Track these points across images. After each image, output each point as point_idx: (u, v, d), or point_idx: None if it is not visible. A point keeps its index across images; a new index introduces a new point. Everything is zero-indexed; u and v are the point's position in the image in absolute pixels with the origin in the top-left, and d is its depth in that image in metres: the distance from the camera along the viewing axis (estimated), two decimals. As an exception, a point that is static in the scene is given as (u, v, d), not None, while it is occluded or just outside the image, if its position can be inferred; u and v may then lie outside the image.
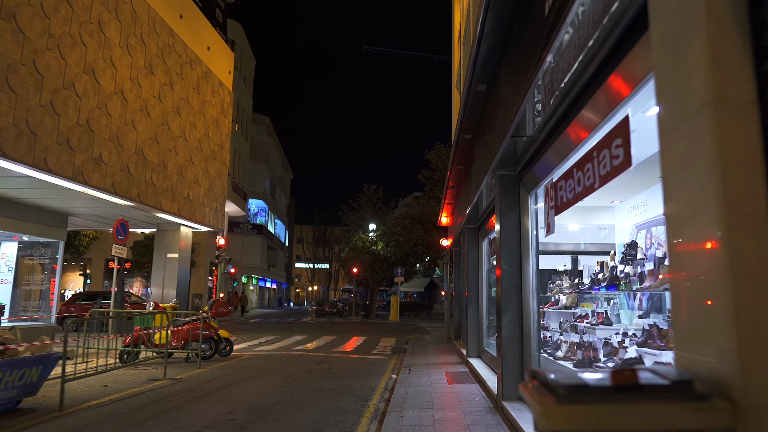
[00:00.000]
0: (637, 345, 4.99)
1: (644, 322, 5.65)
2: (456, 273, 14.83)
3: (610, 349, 4.78)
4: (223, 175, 17.04)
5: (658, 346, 4.80)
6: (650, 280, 5.27)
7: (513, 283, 5.86)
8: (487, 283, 10.14)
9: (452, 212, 13.70)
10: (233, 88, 35.48)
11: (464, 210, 10.20)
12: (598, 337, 5.24)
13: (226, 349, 11.60)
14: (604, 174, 3.49)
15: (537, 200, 5.92)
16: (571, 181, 4.28)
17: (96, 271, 33.94)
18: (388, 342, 16.70)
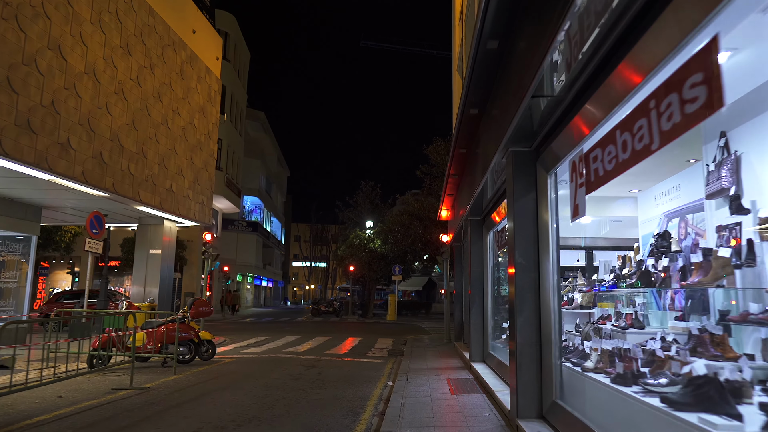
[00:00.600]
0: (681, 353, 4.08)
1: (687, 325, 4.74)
2: (457, 270, 13.92)
3: (652, 359, 3.86)
4: (211, 167, 16.10)
5: (713, 356, 3.89)
6: (698, 275, 4.36)
7: (529, 280, 4.94)
8: (493, 280, 9.24)
9: (453, 205, 12.78)
10: (225, 79, 34.56)
11: (467, 200, 9.29)
12: (634, 344, 4.34)
13: (208, 352, 10.67)
14: (669, 128, 2.57)
15: (558, 180, 5.01)
16: (612, 148, 3.36)
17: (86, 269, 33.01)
18: (384, 343, 15.80)
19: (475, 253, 9.43)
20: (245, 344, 14.97)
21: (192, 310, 10.16)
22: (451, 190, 11.29)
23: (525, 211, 5.08)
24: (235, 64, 36.61)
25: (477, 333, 9.19)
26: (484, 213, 9.20)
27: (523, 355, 4.84)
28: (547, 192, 4.93)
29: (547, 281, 4.86)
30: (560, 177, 5.01)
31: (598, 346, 4.38)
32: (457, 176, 9.75)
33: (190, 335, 9.98)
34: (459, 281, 13.75)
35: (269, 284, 60.72)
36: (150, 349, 9.55)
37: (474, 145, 7.81)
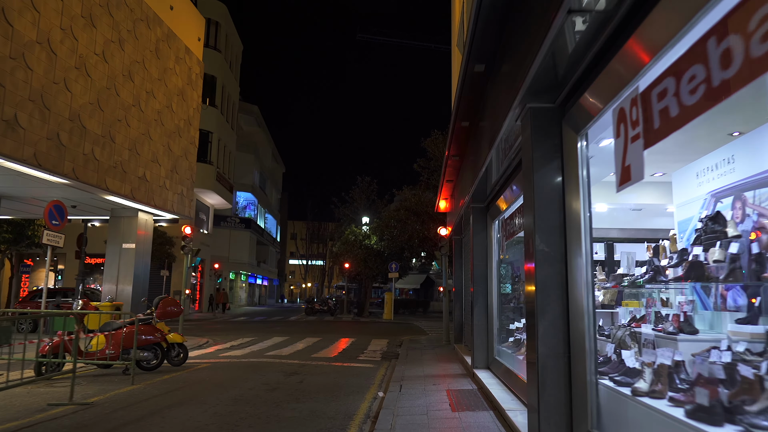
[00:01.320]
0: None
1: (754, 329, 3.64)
2: (457, 266, 12.79)
3: (738, 380, 2.74)
4: (191, 155, 14.95)
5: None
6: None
7: (554, 273, 3.82)
8: (499, 276, 8.12)
9: (452, 193, 11.65)
10: (216, 70, 33.31)
11: (470, 185, 8.17)
12: (700, 358, 3.21)
13: (179, 357, 9.53)
14: None
15: (589, 143, 3.88)
16: (700, 69, 2.23)
17: (71, 266, 31.71)
18: (379, 344, 14.68)
19: (479, 245, 8.30)
20: (228, 346, 13.84)
21: (158, 310, 9.01)
22: (451, 176, 10.14)
23: (547, 184, 3.95)
24: (226, 55, 35.39)
25: (480, 336, 8.06)
26: (488, 199, 8.07)
27: (547, 369, 3.72)
28: (577, 159, 3.80)
29: (578, 275, 3.73)
30: (595, 138, 3.88)
31: (653, 359, 3.25)
32: (458, 157, 8.61)
33: (155, 338, 8.83)
34: (459, 278, 12.63)
35: (264, 282, 59.55)
36: (109, 355, 8.40)
37: (478, 116, 6.67)
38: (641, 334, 4.60)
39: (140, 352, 8.67)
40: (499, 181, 6.92)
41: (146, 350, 8.79)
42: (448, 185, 10.98)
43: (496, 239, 8.13)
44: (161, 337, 8.94)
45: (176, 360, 9.50)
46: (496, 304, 8.02)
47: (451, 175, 10.07)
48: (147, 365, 8.84)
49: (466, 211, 9.20)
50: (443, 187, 11.14)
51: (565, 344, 3.73)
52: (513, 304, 8.83)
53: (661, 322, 4.82)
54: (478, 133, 6.80)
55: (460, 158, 8.69)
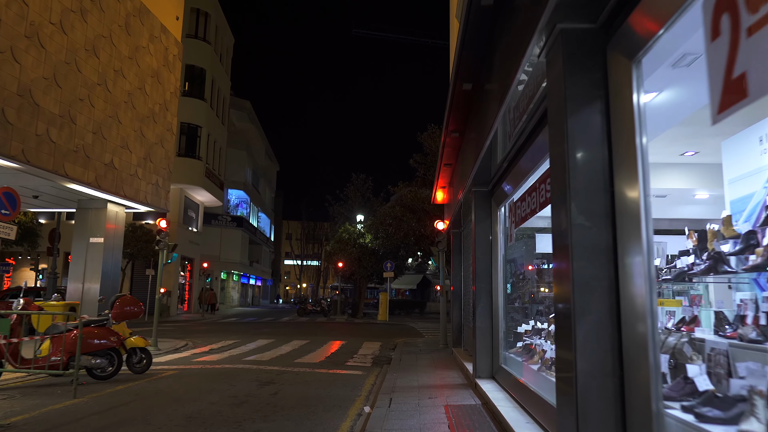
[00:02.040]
0: None
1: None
2: (455, 262, 11.69)
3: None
4: (168, 143, 13.80)
5: None
6: None
7: (598, 257, 2.71)
8: (505, 270, 7.02)
9: (451, 179, 10.55)
10: (206, 62, 32.06)
11: (471, 166, 7.08)
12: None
13: (141, 363, 8.39)
14: None
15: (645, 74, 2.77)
16: None
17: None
18: (370, 348, 13.56)
19: (481, 236, 7.19)
20: (207, 350, 12.70)
21: (114, 311, 7.87)
22: (449, 158, 9.02)
23: (586, 139, 2.84)
24: (216, 47, 34.23)
25: (484, 340, 6.95)
26: (493, 181, 6.96)
27: (590, 393, 2.60)
28: (631, 95, 2.68)
29: (633, 261, 2.62)
30: (658, 65, 2.78)
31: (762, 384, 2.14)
32: (458, 134, 7.49)
33: (110, 342, 7.68)
34: (458, 276, 11.53)
35: (258, 283, 58.33)
36: (54, 363, 7.25)
37: (483, 74, 5.56)
38: (703, 342, 3.49)
39: (92, 359, 7.53)
40: (508, 156, 5.82)
41: (100, 356, 7.65)
42: (446, 171, 9.86)
43: (503, 230, 7.03)
44: (117, 342, 7.79)
45: (138, 367, 8.36)
46: (502, 303, 6.91)
47: (450, 157, 8.95)
48: (101, 374, 7.70)
49: (467, 198, 8.10)
50: (440, 173, 10.03)
51: (616, 358, 2.62)
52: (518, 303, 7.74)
53: (726, 325, 3.72)
54: (482, 99, 5.70)
55: (460, 135, 7.57)
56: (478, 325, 7.01)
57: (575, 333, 2.66)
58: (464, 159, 8.11)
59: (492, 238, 7.11)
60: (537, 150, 4.62)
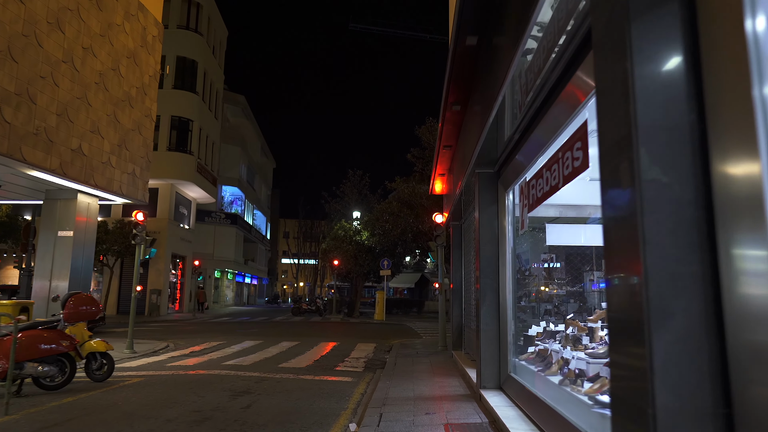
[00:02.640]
0: None
1: None
2: (455, 257, 10.73)
3: None
4: (147, 131, 12.82)
5: None
6: None
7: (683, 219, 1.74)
8: (515, 262, 6.07)
9: (450, 165, 9.58)
10: (197, 54, 30.99)
11: (473, 144, 6.14)
12: None
13: (102, 371, 7.43)
14: None
15: None
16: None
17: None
18: (364, 350, 12.60)
19: (486, 224, 6.23)
20: (187, 352, 11.75)
21: (67, 311, 6.89)
22: (449, 138, 8.03)
23: (660, 40, 1.87)
24: (208, 39, 33.22)
25: (490, 345, 5.99)
26: (500, 160, 6.01)
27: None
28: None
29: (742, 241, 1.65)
30: None
31: None
32: (459, 106, 6.50)
33: (61, 347, 6.71)
34: (458, 272, 10.57)
35: (253, 281, 57.37)
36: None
37: (492, 27, 4.59)
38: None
39: (39, 366, 6.56)
40: (519, 126, 4.85)
41: (48, 363, 6.67)
42: (445, 155, 8.89)
43: (511, 217, 6.08)
44: (70, 346, 6.82)
45: (97, 374, 7.40)
46: (510, 302, 5.96)
47: (450, 137, 7.96)
48: (50, 383, 6.72)
49: (469, 183, 7.15)
50: (438, 158, 9.07)
51: (719, 387, 1.66)
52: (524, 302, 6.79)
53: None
54: (489, 58, 4.73)
55: (461, 109, 6.59)
56: (482, 328, 6.05)
57: (651, 348, 1.69)
58: (466, 139, 7.15)
59: (499, 227, 6.16)
60: (561, 110, 3.67)
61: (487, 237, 6.22)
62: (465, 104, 6.49)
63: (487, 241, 6.21)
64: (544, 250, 9.05)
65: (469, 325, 9.78)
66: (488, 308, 6.07)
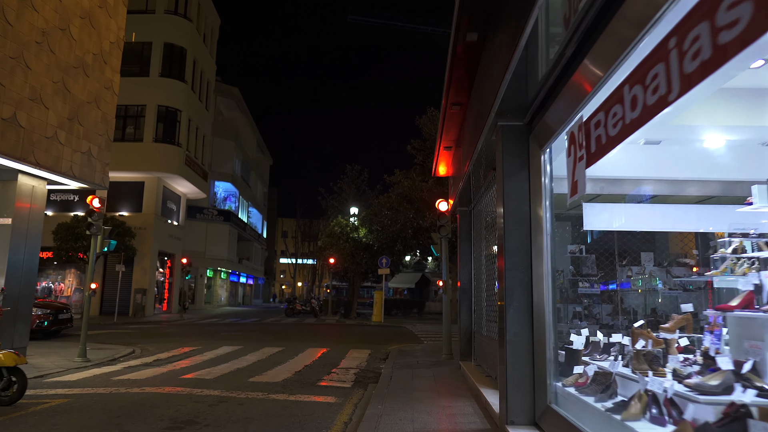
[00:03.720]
0: None
1: None
2: (464, 250, 9.00)
3: None
4: (108, 105, 11.12)
5: None
6: None
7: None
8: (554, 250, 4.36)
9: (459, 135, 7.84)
10: (187, 41, 28.96)
11: (495, 88, 4.43)
12: None
13: (9, 391, 5.74)
14: None
15: None
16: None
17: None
18: (357, 357, 10.89)
19: (513, 198, 4.51)
20: (150, 360, 10.07)
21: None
22: (459, 92, 6.20)
23: None
24: (199, 26, 31.53)
25: (520, 362, 4.28)
26: (533, 107, 4.28)
27: None
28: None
29: None
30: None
31: None
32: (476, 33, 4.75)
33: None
34: (467, 267, 8.86)
35: (249, 281, 55.64)
36: None
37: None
38: None
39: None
40: (563, 54, 3.13)
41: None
42: (454, 117, 7.13)
43: (548, 187, 4.37)
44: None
45: (3, 396, 5.70)
46: (549, 302, 4.25)
47: (460, 90, 6.16)
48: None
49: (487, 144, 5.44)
50: (445, 122, 7.32)
51: None
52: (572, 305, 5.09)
53: None
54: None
55: (479, 39, 4.83)
56: (509, 338, 4.34)
57: None
58: (483, 89, 5.43)
59: (531, 200, 4.45)
60: None
61: (515, 215, 4.51)
62: (483, 33, 4.77)
63: (515, 221, 4.50)
64: (572, 239, 7.34)
65: (481, 331, 8.09)
66: (517, 311, 4.36)
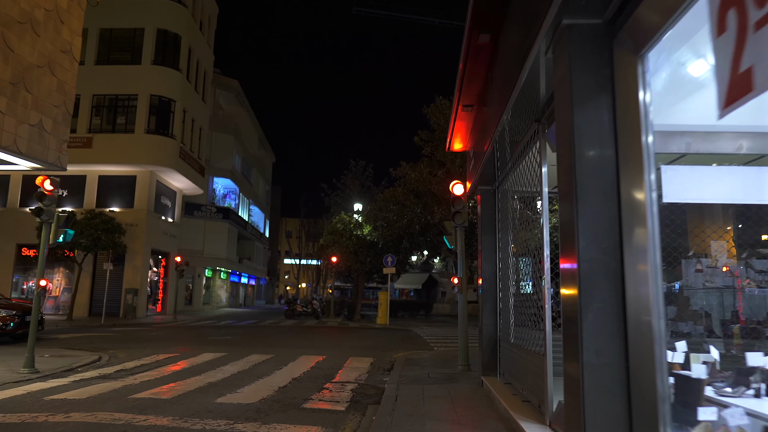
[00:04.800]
0: None
1: None
2: (486, 240, 7.28)
3: None
4: (66, 73, 9.52)
5: None
6: None
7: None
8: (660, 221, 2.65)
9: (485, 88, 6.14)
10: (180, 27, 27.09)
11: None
12: None
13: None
14: None
15: None
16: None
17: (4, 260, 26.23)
18: (357, 368, 9.22)
19: (589, 137, 2.83)
20: (111, 371, 8.47)
21: None
22: (490, 12, 4.45)
23: None
24: (195, 13, 30.01)
25: (606, 400, 2.58)
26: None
27: None
28: None
29: None
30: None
31: None
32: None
33: None
34: (490, 259, 7.16)
35: (251, 281, 54.08)
36: None
37: None
38: None
39: None
40: None
41: None
42: (479, 57, 5.38)
43: (648, 109, 2.67)
44: None
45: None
46: (659, 303, 2.55)
47: (491, 12, 4.45)
48: None
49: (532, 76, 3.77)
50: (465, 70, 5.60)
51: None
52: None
53: None
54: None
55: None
56: (587, 360, 2.65)
57: None
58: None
59: (621, 136, 2.78)
60: None
61: (592, 163, 2.84)
62: None
63: (590, 171, 2.83)
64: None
65: (507, 338, 6.40)
66: (600, 316, 2.67)
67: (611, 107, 2.87)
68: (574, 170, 2.86)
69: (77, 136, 25.57)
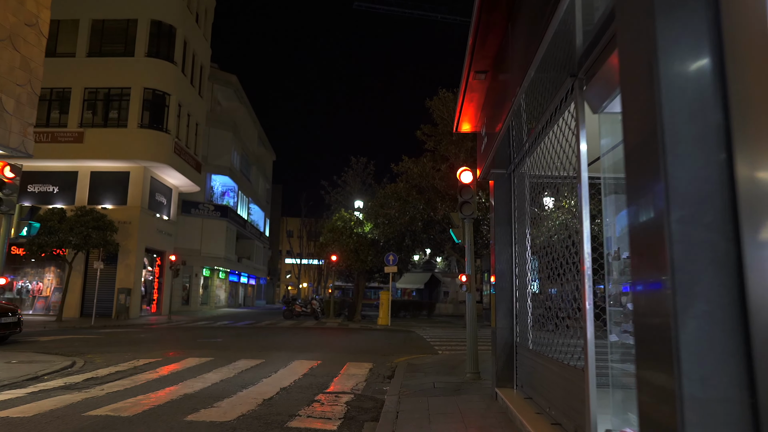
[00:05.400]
0: None
1: None
2: (500, 231, 6.34)
3: None
4: (31, 50, 8.61)
5: None
6: None
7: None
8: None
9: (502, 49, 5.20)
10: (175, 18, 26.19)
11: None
12: None
13: None
14: None
15: None
16: None
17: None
18: (354, 375, 8.28)
19: (674, 54, 1.90)
20: (80, 380, 7.57)
21: None
22: None
23: None
24: (191, 4, 29.13)
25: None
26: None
27: None
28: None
29: None
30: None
31: None
32: None
33: None
34: (505, 253, 6.22)
35: (251, 281, 53.18)
36: None
37: None
38: None
39: None
40: None
41: None
42: (497, 5, 4.47)
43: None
44: None
45: None
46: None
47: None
48: None
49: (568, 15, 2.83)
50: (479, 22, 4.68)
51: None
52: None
53: None
54: None
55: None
56: (688, 392, 1.71)
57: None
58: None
59: (728, 45, 1.81)
60: None
61: (687, 95, 1.88)
62: None
63: (686, 115, 1.87)
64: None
65: (526, 344, 5.47)
66: (707, 324, 1.73)
67: (715, 5, 1.93)
68: (659, 107, 1.91)
69: (68, 131, 24.74)
